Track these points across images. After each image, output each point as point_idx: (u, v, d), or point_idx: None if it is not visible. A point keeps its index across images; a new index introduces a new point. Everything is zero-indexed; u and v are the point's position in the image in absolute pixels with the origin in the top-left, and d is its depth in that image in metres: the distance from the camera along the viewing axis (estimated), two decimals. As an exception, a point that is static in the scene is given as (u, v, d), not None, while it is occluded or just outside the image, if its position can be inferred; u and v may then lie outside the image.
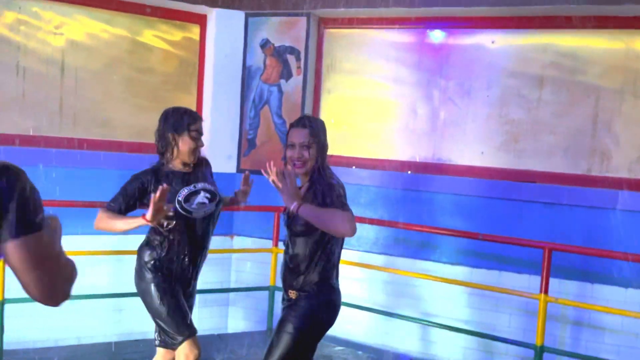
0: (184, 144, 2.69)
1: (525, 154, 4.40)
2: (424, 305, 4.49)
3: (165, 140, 2.71)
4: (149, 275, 2.68)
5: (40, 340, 4.23)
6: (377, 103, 4.85)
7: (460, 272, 4.36)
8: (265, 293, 4.68)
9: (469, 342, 4.31)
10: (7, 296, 3.93)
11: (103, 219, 2.65)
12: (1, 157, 4.26)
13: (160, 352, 2.85)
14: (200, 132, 2.75)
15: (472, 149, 4.53)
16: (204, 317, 4.87)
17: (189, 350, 2.66)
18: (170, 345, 2.70)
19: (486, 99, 4.49)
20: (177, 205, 2.65)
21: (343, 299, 4.52)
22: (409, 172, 4.66)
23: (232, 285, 5.06)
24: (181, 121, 2.70)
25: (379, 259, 4.61)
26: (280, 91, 4.87)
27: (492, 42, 4.47)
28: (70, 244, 4.42)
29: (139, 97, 4.89)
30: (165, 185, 2.53)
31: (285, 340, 2.50)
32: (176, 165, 2.73)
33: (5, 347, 3.93)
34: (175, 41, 5.03)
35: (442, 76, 4.59)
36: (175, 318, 2.65)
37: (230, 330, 5.03)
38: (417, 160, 4.69)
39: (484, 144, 4.50)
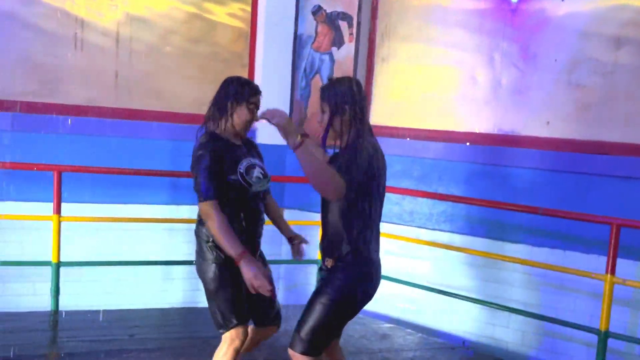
0: (240, 114, 2.61)
1: (598, 123, 4.00)
2: (481, 285, 4.23)
3: (222, 108, 2.63)
4: (210, 255, 2.60)
5: (94, 303, 4.34)
6: (434, 70, 4.57)
7: (521, 250, 4.06)
8: (315, 267, 4.58)
9: (529, 325, 4.03)
10: (62, 259, 4.06)
11: (221, 230, 2.49)
12: (59, 127, 4.35)
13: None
14: (257, 106, 2.67)
15: (537, 118, 4.18)
16: (255, 290, 4.84)
17: (235, 336, 2.62)
18: (219, 326, 2.66)
19: (554, 63, 4.11)
20: (239, 177, 2.58)
21: (394, 275, 4.37)
22: (468, 143, 4.37)
23: (282, 259, 4.99)
24: (242, 91, 2.62)
25: (432, 235, 4.38)
26: (332, 60, 4.70)
27: (562, 0, 4.08)
28: (122, 212, 4.57)
29: (192, 69, 4.88)
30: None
31: (318, 310, 2.42)
32: (228, 135, 2.66)
33: (61, 308, 4.07)
34: (228, 11, 4.97)
35: (505, 39, 4.25)
36: (228, 306, 2.60)
37: (282, 302, 4.98)
38: (477, 131, 4.40)
39: (551, 113, 4.14)
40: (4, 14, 4.42)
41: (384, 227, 4.51)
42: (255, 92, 2.66)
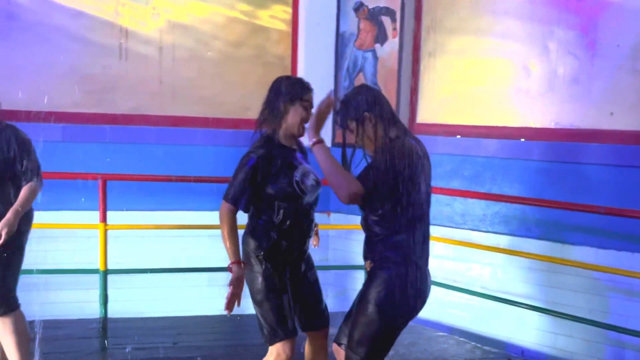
0: (295, 114, 2.49)
1: (667, 112, 3.65)
2: (540, 291, 3.95)
3: (275, 109, 2.52)
4: (257, 267, 2.53)
5: (142, 311, 4.37)
6: (484, 63, 4.32)
7: (584, 253, 3.75)
8: (362, 272, 4.42)
9: (594, 334, 3.70)
10: (110, 267, 4.09)
11: (230, 237, 2.49)
12: (106, 136, 4.40)
13: None
14: (311, 104, 2.55)
15: (598, 109, 3.86)
16: (303, 296, 4.74)
17: (282, 350, 2.52)
18: (265, 338, 2.58)
19: (616, 49, 3.78)
20: (295, 184, 2.48)
21: (445, 281, 4.16)
22: (522, 139, 4.10)
23: (330, 264, 4.87)
24: (294, 90, 2.52)
25: (486, 238, 4.13)
26: (375, 57, 4.54)
27: (623, -20, 3.75)
28: (168, 219, 4.56)
29: (234, 73, 4.84)
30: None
31: (363, 321, 2.33)
32: (283, 138, 2.54)
33: (110, 315, 4.10)
34: (269, 13, 4.91)
35: (560, 26, 3.95)
36: (275, 317, 2.51)
37: (331, 310, 4.85)
38: (532, 125, 4.11)
39: (614, 104, 3.80)
40: (54, 28, 4.52)
41: (432, 230, 4.32)
42: (308, 89, 2.54)
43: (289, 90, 2.50)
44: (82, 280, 4.34)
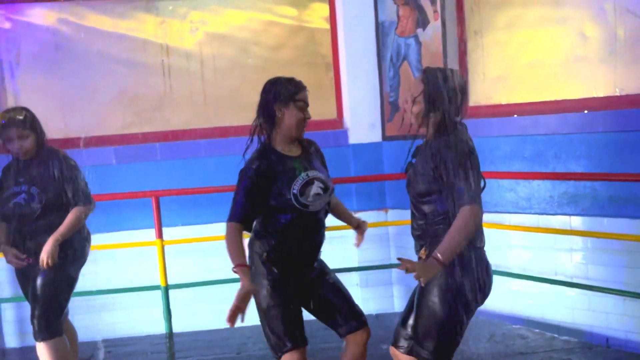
0: (290, 116, 2.40)
1: None
2: (621, 273, 3.62)
3: (270, 115, 2.43)
4: (263, 270, 2.42)
5: (207, 324, 4.37)
6: (535, 35, 4.04)
7: (667, 228, 3.42)
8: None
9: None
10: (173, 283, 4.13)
11: (228, 242, 2.35)
12: (157, 154, 4.40)
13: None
14: (306, 103, 2.44)
15: (668, 69, 3.51)
16: (367, 297, 4.61)
17: None
18: (271, 350, 2.43)
19: (682, 1, 3.43)
20: (292, 199, 2.36)
21: (517, 270, 3.92)
22: (585, 111, 3.79)
23: (393, 262, 4.71)
24: (286, 91, 2.42)
25: (555, 221, 3.85)
26: (418, 42, 4.34)
27: None
28: (223, 230, 4.52)
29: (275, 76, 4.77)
30: None
31: (431, 315, 2.22)
32: (282, 144, 2.43)
33: (176, 330, 4.14)
34: (305, 12, 4.81)
35: (616, -16, 3.63)
36: (281, 327, 2.38)
37: (397, 310, 4.70)
38: (594, 95, 3.80)
39: (686, 61, 3.45)
40: (99, 53, 4.62)
41: (497, 218, 4.07)
42: (300, 88, 2.44)
43: (280, 92, 2.40)
44: (148, 297, 4.40)
